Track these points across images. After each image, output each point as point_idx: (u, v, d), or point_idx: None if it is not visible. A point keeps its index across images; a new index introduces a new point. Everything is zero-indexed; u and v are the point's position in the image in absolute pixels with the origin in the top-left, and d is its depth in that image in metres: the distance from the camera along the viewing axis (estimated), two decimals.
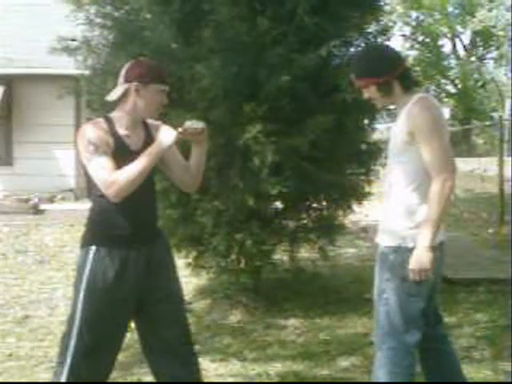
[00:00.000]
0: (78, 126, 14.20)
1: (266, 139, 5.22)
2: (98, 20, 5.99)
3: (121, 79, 3.15)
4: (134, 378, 4.24)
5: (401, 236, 3.15)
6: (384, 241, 3.24)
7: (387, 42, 6.46)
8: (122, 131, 3.11)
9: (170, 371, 3.20)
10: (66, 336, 3.11)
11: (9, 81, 13.96)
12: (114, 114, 3.17)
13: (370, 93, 3.27)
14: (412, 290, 3.15)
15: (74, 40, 6.04)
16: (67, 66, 8.71)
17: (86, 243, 3.14)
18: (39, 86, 13.78)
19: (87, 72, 6.22)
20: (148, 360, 3.28)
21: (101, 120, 3.14)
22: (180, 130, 3.07)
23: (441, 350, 3.39)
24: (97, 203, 3.14)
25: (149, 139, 3.13)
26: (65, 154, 14.08)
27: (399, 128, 3.18)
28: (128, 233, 3.10)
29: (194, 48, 5.46)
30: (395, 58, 3.28)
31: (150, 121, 3.24)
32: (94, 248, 3.08)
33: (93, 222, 3.17)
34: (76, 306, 3.08)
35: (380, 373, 3.19)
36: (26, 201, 12.90)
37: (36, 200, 12.85)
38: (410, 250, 3.11)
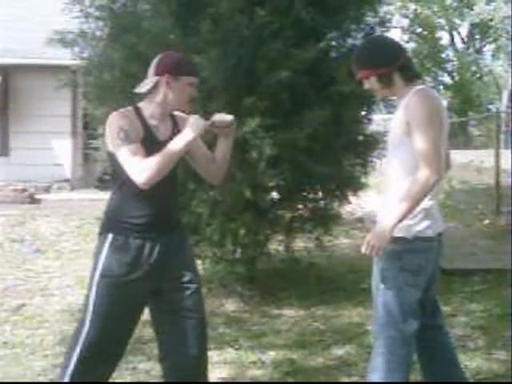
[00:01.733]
0: (74, 116, 14.21)
1: (265, 133, 5.23)
2: (94, 12, 5.97)
3: (151, 71, 3.17)
4: (130, 366, 4.26)
5: (398, 227, 3.15)
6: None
7: (385, 34, 6.46)
8: (150, 121, 3.13)
9: (181, 361, 3.20)
10: (79, 322, 3.12)
11: (6, 71, 13.92)
12: (143, 105, 3.18)
13: (370, 84, 3.27)
14: (409, 279, 3.16)
15: (70, 32, 6.03)
16: (64, 56, 8.71)
17: (103, 230, 3.15)
18: (36, 77, 13.75)
19: (84, 63, 6.21)
20: (160, 348, 3.28)
21: (130, 109, 3.15)
22: (208, 122, 3.08)
23: (437, 341, 3.40)
24: (118, 192, 3.15)
25: (176, 131, 3.13)
26: (61, 144, 14.08)
27: (398, 119, 3.17)
28: (146, 222, 3.10)
29: (191, 39, 5.45)
30: (396, 50, 3.27)
31: (177, 113, 3.25)
32: (110, 236, 3.09)
33: (112, 210, 3.17)
34: (90, 293, 3.09)
35: (377, 361, 3.20)
36: (23, 191, 12.91)
37: (32, 190, 12.85)
38: (407, 241, 3.12)
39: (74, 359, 3.08)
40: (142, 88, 3.19)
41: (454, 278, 6.49)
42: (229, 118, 3.16)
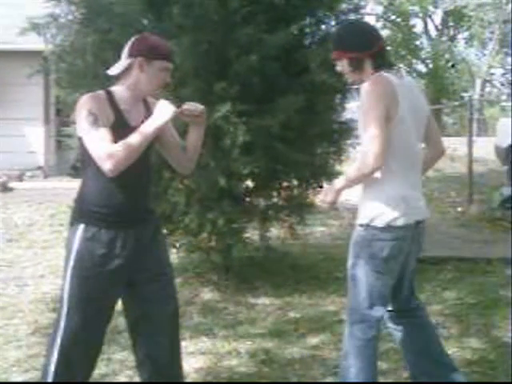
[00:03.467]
0: (47, 103, 14.06)
1: (237, 119, 5.21)
2: None
3: (124, 53, 3.10)
4: (104, 357, 4.24)
5: (369, 214, 3.18)
6: (357, 218, 3.27)
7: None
8: (122, 106, 3.05)
9: (154, 352, 3.20)
10: (57, 316, 3.10)
11: None
12: (115, 89, 3.11)
13: (341, 66, 3.31)
14: (379, 267, 3.19)
15: (42, 18, 5.95)
16: (36, 41, 8.59)
17: (74, 221, 3.10)
18: (7, 63, 13.57)
19: (56, 49, 6.14)
20: (133, 339, 3.28)
21: (101, 93, 3.07)
22: (178, 109, 3.04)
23: (415, 324, 3.45)
24: (88, 180, 3.09)
25: (148, 116, 3.05)
26: (34, 131, 13.94)
27: (360, 107, 3.20)
28: (117, 212, 3.06)
29: (164, 24, 5.40)
30: (372, 37, 3.28)
31: (150, 99, 3.18)
32: (82, 226, 3.04)
33: (82, 200, 3.10)
34: (64, 285, 3.06)
35: (347, 346, 3.25)
36: None
37: (4, 178, 12.70)
38: (379, 229, 3.15)
39: (55, 354, 3.06)
40: (115, 70, 3.12)
41: (426, 265, 6.52)
42: (200, 107, 3.12)
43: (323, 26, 6.25)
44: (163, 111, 2.99)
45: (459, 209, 9.67)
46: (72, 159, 14.08)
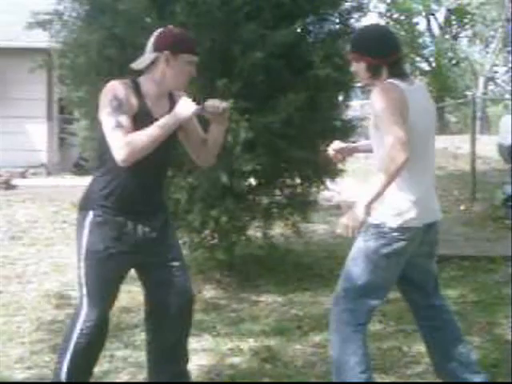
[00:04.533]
0: (49, 100, 14.05)
1: (240, 116, 5.21)
2: None
3: (149, 47, 3.10)
4: (107, 354, 4.24)
5: (383, 213, 3.18)
6: (371, 214, 3.23)
7: (362, 19, 6.47)
8: (147, 97, 3.07)
9: (161, 342, 3.28)
10: (78, 305, 3.18)
11: None
12: (142, 80, 3.11)
13: (357, 68, 3.31)
14: (380, 263, 3.22)
15: (46, 14, 5.95)
16: (39, 39, 8.60)
17: (83, 207, 3.13)
18: (10, 60, 13.56)
19: (59, 46, 6.14)
20: (146, 327, 3.37)
21: (128, 81, 3.08)
22: (199, 107, 3.02)
23: (439, 323, 3.48)
24: (104, 170, 3.11)
25: (171, 110, 3.06)
26: (37, 128, 13.93)
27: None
28: (130, 204, 3.09)
29: (167, 22, 5.39)
30: (394, 45, 3.31)
31: (176, 92, 3.18)
32: (91, 213, 3.07)
33: (94, 188, 3.13)
34: (80, 273, 3.11)
35: (336, 333, 3.32)
36: None
37: (7, 175, 12.71)
38: (389, 229, 3.17)
39: (72, 346, 3.11)
40: (140, 64, 3.12)
41: None
42: (224, 104, 3.10)
43: (326, 24, 6.24)
44: (185, 108, 2.99)
45: (462, 207, 9.65)
46: (75, 157, 14.10)
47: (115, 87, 3.00)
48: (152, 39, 3.12)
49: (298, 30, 5.49)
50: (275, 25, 5.43)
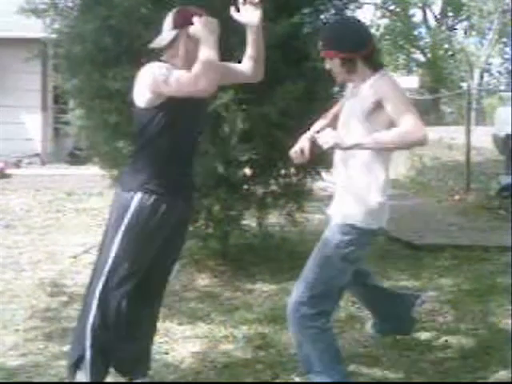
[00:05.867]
0: (44, 90, 14.03)
1: (237, 107, 5.21)
2: None
3: (168, 26, 3.17)
4: None
5: (353, 216, 3.20)
6: (339, 214, 3.28)
7: (358, 10, 6.47)
8: None
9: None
10: (97, 274, 3.20)
11: None
12: (165, 60, 3.18)
13: (332, 65, 3.27)
14: (346, 268, 3.28)
15: (41, 3, 5.93)
16: (34, 29, 8.56)
17: (131, 188, 3.17)
18: (5, 50, 13.53)
19: (54, 35, 6.12)
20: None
21: (157, 62, 3.15)
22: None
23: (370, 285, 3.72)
24: (144, 151, 3.18)
25: None
26: (32, 118, 13.92)
27: (361, 103, 3.17)
28: (173, 183, 3.18)
29: (164, 12, 5.38)
30: (366, 38, 3.27)
31: None
32: (139, 194, 3.13)
33: (139, 168, 3.19)
34: (111, 246, 3.15)
35: (301, 336, 3.31)
36: None
37: (2, 165, 12.70)
38: (360, 232, 3.19)
39: (94, 309, 3.17)
40: (162, 41, 3.18)
41: (424, 253, 6.57)
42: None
43: (322, 16, 6.23)
44: (211, 24, 3.10)
45: (456, 197, 9.68)
46: (69, 146, 14.08)
47: (153, 66, 3.09)
48: (170, 18, 3.21)
49: (296, 21, 5.47)
50: (273, 16, 5.41)
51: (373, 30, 23.46)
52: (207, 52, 2.98)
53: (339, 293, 3.39)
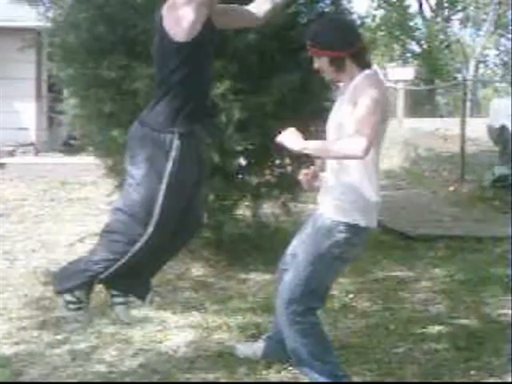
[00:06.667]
0: (39, 79, 13.96)
1: (234, 97, 5.20)
2: None
3: None
4: (95, 329, 4.26)
5: (352, 214, 3.16)
6: (330, 210, 3.23)
7: (354, 1, 6.44)
8: None
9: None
10: (142, 224, 3.21)
11: None
12: None
13: (320, 63, 3.22)
14: (338, 268, 3.33)
15: None
16: (28, 18, 8.53)
17: (163, 130, 3.22)
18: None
19: (48, 24, 6.09)
20: None
21: None
22: None
23: None
24: (179, 85, 3.22)
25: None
26: (26, 107, 13.84)
27: (346, 103, 3.16)
28: (199, 120, 3.33)
29: (158, 2, 5.36)
30: (355, 36, 3.24)
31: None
32: (176, 135, 3.20)
33: (170, 109, 3.24)
34: (156, 195, 3.18)
35: (290, 331, 3.29)
36: None
37: None
38: (357, 230, 3.16)
39: (126, 257, 3.24)
40: None
41: (418, 243, 6.58)
42: None
43: (318, 5, 6.21)
44: None
45: (451, 188, 9.69)
46: (64, 136, 14.04)
47: None
48: None
49: (292, 11, 5.45)
50: None
51: (368, 21, 23.38)
52: None
53: (326, 290, 3.41)
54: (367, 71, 3.16)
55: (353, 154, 3.00)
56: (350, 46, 3.16)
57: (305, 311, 3.26)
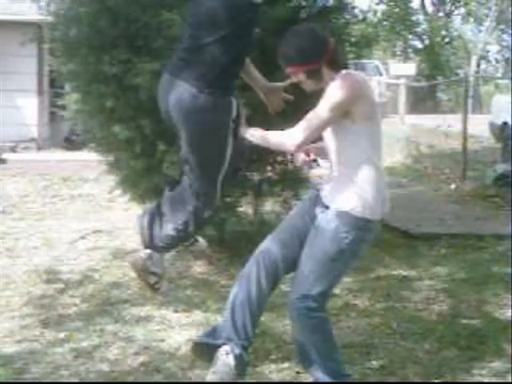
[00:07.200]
0: (40, 73, 13.96)
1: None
2: None
3: None
4: (97, 328, 4.26)
5: (365, 207, 3.16)
6: (341, 203, 3.22)
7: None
8: None
9: None
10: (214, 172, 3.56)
11: None
12: None
13: (299, 78, 3.25)
14: (350, 264, 3.33)
15: None
16: (30, 12, 8.53)
17: (216, 92, 3.55)
18: (1, 33, 13.45)
19: (50, 18, 6.08)
20: None
21: None
22: None
23: None
24: (222, 46, 3.42)
25: None
26: (27, 102, 13.85)
27: None
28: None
29: None
30: (322, 43, 3.20)
31: None
32: (232, 98, 3.59)
33: (221, 66, 3.53)
34: (226, 144, 3.49)
35: (301, 323, 3.32)
36: None
37: None
38: (371, 225, 3.20)
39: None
40: None
41: (419, 241, 6.57)
42: None
43: (319, 0, 6.20)
44: None
45: (452, 185, 9.67)
46: (65, 131, 14.04)
47: None
48: None
49: (293, 5, 5.44)
50: (272, 0, 5.38)
51: (370, 16, 23.27)
52: None
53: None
54: (340, 74, 3.16)
55: (284, 148, 3.39)
56: (321, 55, 3.16)
57: (318, 307, 3.27)
